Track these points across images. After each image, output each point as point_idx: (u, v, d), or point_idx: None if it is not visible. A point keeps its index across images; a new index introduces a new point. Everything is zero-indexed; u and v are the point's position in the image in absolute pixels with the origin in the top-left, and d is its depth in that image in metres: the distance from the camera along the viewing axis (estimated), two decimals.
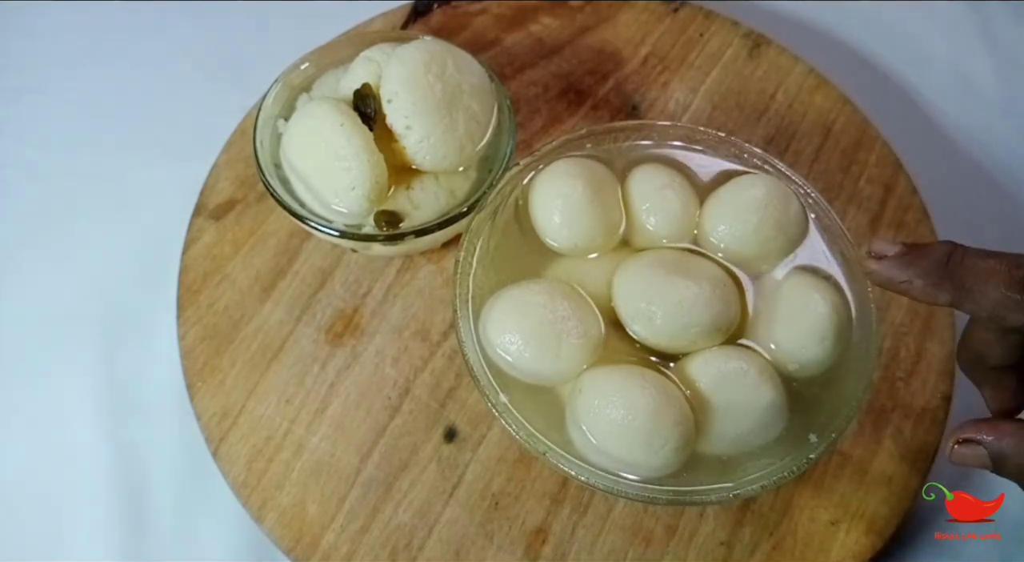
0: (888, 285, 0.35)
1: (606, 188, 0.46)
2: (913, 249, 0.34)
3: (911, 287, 0.34)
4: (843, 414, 0.41)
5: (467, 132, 0.48)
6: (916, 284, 0.34)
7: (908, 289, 0.34)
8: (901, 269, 0.34)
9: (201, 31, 0.66)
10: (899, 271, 0.34)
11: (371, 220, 0.47)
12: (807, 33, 0.67)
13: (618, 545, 0.45)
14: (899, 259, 0.34)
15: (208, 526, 0.48)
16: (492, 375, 0.42)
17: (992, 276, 0.32)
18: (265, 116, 0.50)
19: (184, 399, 0.49)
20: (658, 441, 0.39)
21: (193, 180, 0.55)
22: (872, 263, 0.35)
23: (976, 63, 0.66)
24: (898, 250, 0.34)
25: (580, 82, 0.60)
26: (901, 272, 0.34)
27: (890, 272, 0.34)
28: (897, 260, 0.34)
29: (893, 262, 0.34)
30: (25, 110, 0.62)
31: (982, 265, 0.33)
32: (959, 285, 0.33)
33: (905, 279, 0.34)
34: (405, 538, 0.45)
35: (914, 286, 0.34)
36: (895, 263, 0.34)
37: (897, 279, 0.34)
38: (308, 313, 0.51)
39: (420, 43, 0.48)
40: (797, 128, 0.58)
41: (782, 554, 0.45)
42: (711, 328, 0.41)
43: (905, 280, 0.34)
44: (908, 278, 0.34)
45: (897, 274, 0.34)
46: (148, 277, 0.55)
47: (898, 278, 0.34)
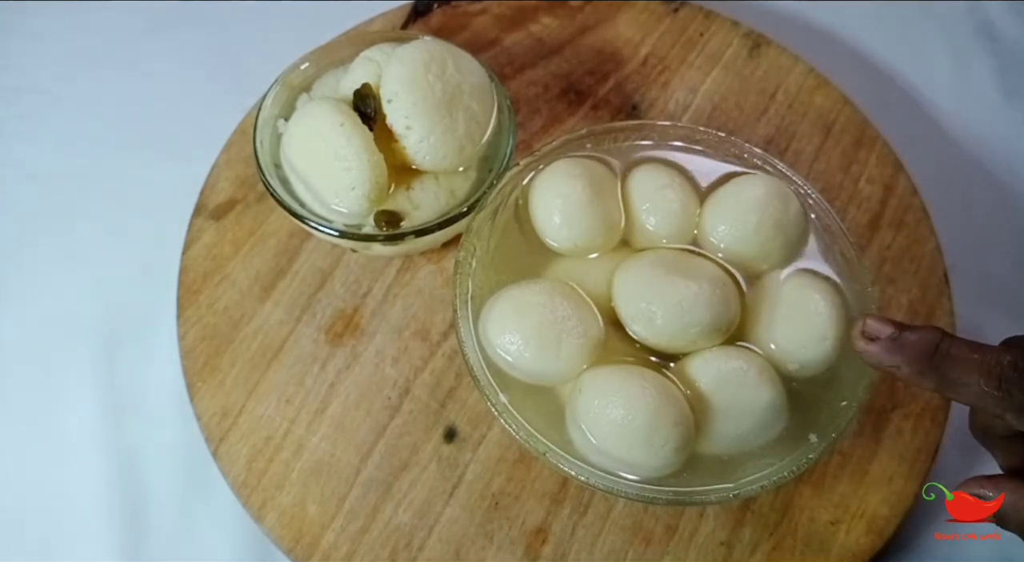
0: (876, 366, 0.37)
1: (606, 188, 0.46)
2: (903, 333, 0.36)
3: (898, 372, 0.36)
4: (843, 414, 0.41)
5: (467, 132, 0.48)
6: (903, 370, 0.36)
7: (895, 373, 0.36)
8: (890, 354, 0.36)
9: (201, 31, 0.66)
10: (888, 356, 0.36)
11: (371, 220, 0.47)
12: (807, 33, 0.67)
13: (618, 545, 0.45)
14: (889, 344, 0.36)
15: (208, 526, 0.48)
16: (492, 375, 0.42)
17: (973, 370, 0.34)
18: (265, 116, 0.50)
19: (184, 399, 0.49)
20: (658, 441, 0.39)
21: (193, 180, 0.55)
22: (863, 343, 0.37)
23: (976, 63, 0.66)
24: (889, 334, 0.36)
25: (580, 82, 0.60)
26: (890, 357, 0.36)
27: (880, 356, 0.36)
28: (887, 344, 0.36)
29: (883, 346, 0.36)
30: (25, 110, 0.62)
31: (964, 358, 0.34)
32: (942, 376, 0.35)
33: (893, 364, 0.36)
34: (405, 538, 0.45)
35: (901, 372, 0.36)
36: (885, 347, 0.36)
37: (885, 363, 0.36)
38: (308, 313, 0.51)
39: (420, 43, 0.48)
40: (797, 128, 0.58)
41: (782, 554, 0.45)
42: (711, 328, 0.41)
43: (893, 366, 0.36)
44: (896, 364, 0.36)
45: (886, 359, 0.36)
46: (148, 277, 0.55)
47: (887, 363, 0.36)
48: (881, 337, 0.36)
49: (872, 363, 0.37)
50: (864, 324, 0.37)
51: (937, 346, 0.35)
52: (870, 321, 0.37)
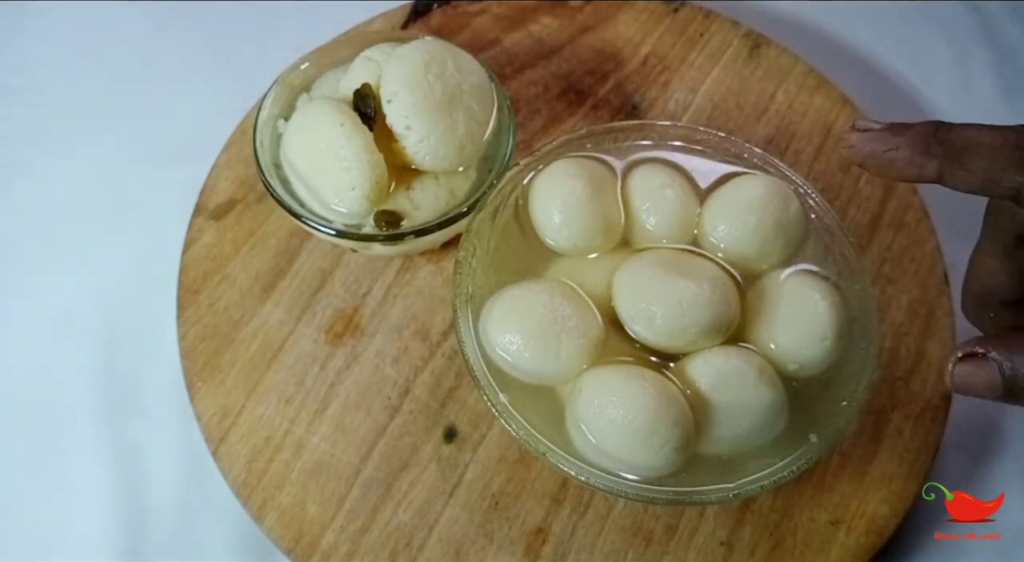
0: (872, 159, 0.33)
1: (606, 188, 0.46)
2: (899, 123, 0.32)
3: (896, 156, 0.32)
4: (843, 414, 0.41)
5: (467, 132, 0.48)
6: (902, 154, 0.32)
7: (893, 159, 0.32)
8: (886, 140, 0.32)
9: (201, 31, 0.66)
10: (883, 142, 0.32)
11: (371, 220, 0.47)
12: (807, 33, 0.67)
13: (618, 545, 0.45)
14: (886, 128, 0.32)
15: (208, 526, 0.48)
16: (492, 375, 0.42)
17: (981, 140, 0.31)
18: (265, 116, 0.50)
19: (184, 399, 0.49)
20: (658, 441, 0.39)
21: (193, 180, 0.55)
22: (855, 136, 0.33)
23: (976, 63, 0.66)
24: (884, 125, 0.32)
25: (580, 82, 0.60)
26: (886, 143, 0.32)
27: (874, 144, 0.32)
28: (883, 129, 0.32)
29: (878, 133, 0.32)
30: (25, 110, 0.62)
31: (970, 132, 0.31)
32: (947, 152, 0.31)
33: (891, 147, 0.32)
34: (405, 538, 0.45)
35: (899, 155, 0.32)
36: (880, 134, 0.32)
37: (882, 149, 0.32)
38: (308, 313, 0.51)
39: (420, 43, 0.48)
40: (797, 128, 0.58)
41: (782, 554, 0.45)
42: (711, 328, 0.41)
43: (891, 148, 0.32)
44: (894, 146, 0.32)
45: (881, 145, 0.32)
46: (148, 277, 0.55)
47: (882, 148, 0.32)
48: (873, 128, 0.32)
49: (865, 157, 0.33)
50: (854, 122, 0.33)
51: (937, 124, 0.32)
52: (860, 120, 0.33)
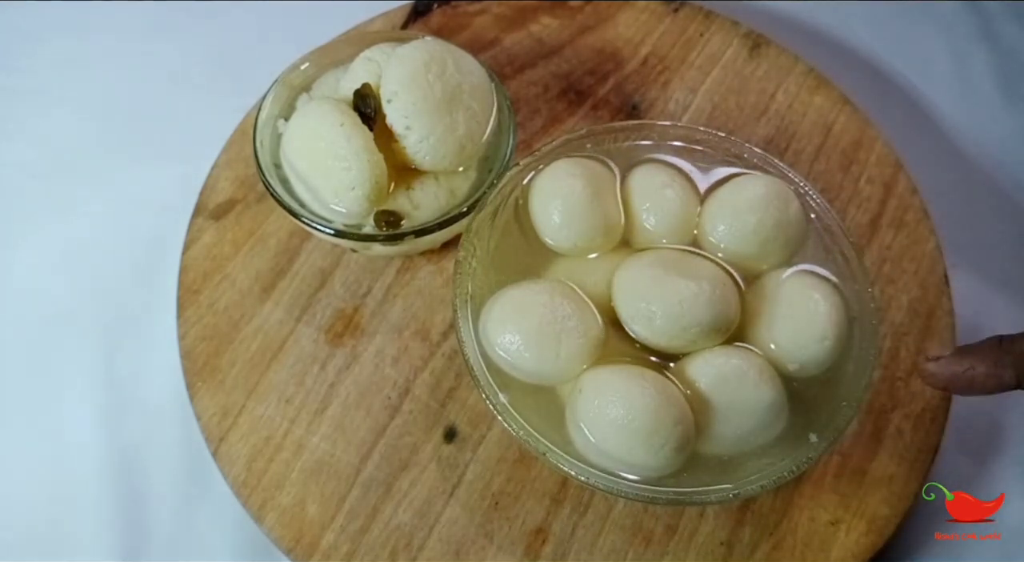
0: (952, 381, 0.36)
1: (606, 188, 0.46)
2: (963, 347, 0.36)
3: (974, 374, 0.35)
4: (843, 414, 0.41)
5: (467, 132, 0.48)
6: (979, 371, 0.35)
7: (972, 377, 0.36)
8: (960, 361, 0.36)
9: (200, 31, 0.66)
10: (958, 363, 0.36)
11: (371, 220, 0.47)
12: (807, 33, 0.67)
13: (618, 545, 0.45)
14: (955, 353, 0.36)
15: (208, 526, 0.48)
16: (492, 375, 0.42)
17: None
18: (265, 116, 0.50)
19: (184, 399, 0.49)
20: (658, 441, 0.39)
21: (193, 180, 0.55)
22: (931, 365, 0.37)
23: (976, 63, 0.66)
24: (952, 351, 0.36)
25: (580, 82, 0.60)
26: (960, 363, 0.36)
27: (950, 367, 0.36)
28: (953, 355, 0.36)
29: (950, 359, 0.36)
30: (25, 110, 0.62)
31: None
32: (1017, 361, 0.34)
33: (967, 367, 0.36)
34: (405, 538, 0.45)
35: (977, 372, 0.35)
36: (952, 359, 0.36)
37: (960, 371, 0.36)
38: (308, 313, 0.51)
39: (420, 43, 0.48)
40: (797, 128, 0.58)
41: (782, 554, 0.45)
42: (711, 328, 0.41)
43: (967, 369, 0.36)
44: (969, 366, 0.35)
45: (956, 366, 0.36)
46: (148, 277, 0.55)
47: (960, 369, 0.36)
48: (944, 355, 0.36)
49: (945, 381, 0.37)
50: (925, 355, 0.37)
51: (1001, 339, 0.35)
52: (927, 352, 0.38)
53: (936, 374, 0.37)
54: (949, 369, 0.36)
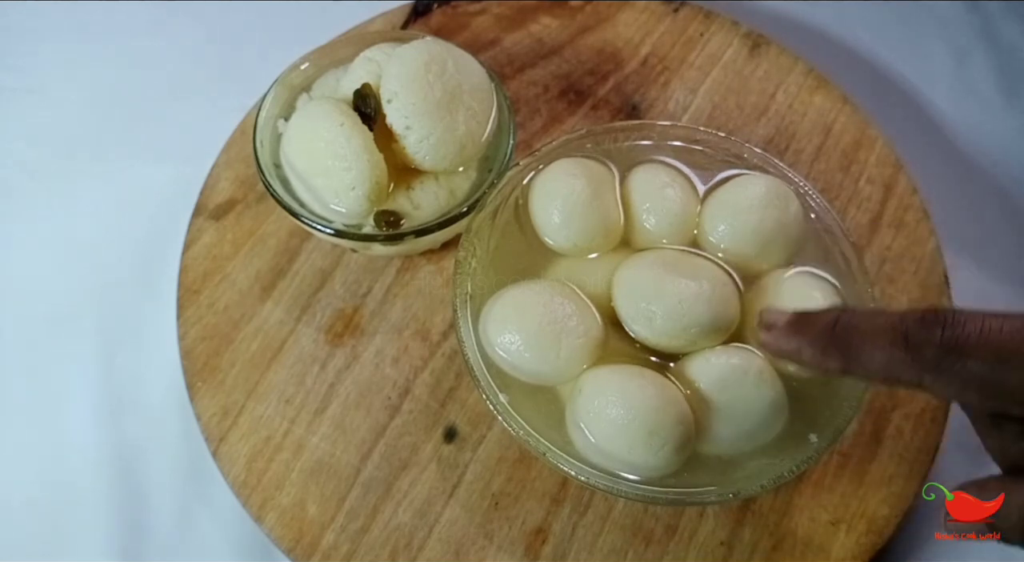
0: (778, 355, 0.34)
1: (606, 188, 0.46)
2: (802, 317, 0.33)
3: (800, 356, 0.33)
4: (843, 414, 0.41)
5: (467, 132, 0.48)
6: (806, 352, 0.33)
7: (799, 359, 0.33)
8: (788, 339, 0.33)
9: (201, 31, 0.66)
10: (787, 341, 0.33)
11: (371, 220, 0.47)
12: (807, 33, 0.67)
13: (618, 545, 0.45)
14: (787, 328, 0.33)
15: (208, 526, 0.48)
16: (492, 375, 0.42)
17: (878, 336, 0.31)
18: (265, 116, 0.50)
19: (184, 399, 0.49)
20: (658, 441, 0.39)
21: (193, 180, 0.55)
22: (763, 333, 0.34)
23: (976, 63, 0.66)
24: (787, 319, 0.33)
25: (580, 82, 0.60)
26: (788, 342, 0.33)
27: (778, 342, 0.34)
28: (786, 329, 0.33)
29: (782, 332, 0.33)
30: (25, 110, 0.62)
31: (867, 326, 0.31)
32: (845, 350, 0.32)
33: (794, 349, 0.33)
34: (405, 538, 0.45)
35: (804, 355, 0.33)
36: (783, 332, 0.33)
37: (786, 350, 0.33)
38: (308, 313, 0.51)
39: (420, 43, 0.48)
40: (797, 128, 0.58)
41: (782, 554, 0.45)
42: (711, 328, 0.41)
43: (795, 350, 0.33)
44: (797, 348, 0.33)
45: (785, 344, 0.33)
46: (148, 277, 0.55)
47: (787, 349, 0.33)
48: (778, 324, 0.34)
49: (774, 352, 0.34)
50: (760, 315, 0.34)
51: (836, 319, 0.32)
52: (766, 312, 0.34)
53: (768, 344, 0.34)
54: (779, 344, 0.33)
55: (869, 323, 0.31)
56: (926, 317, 0.30)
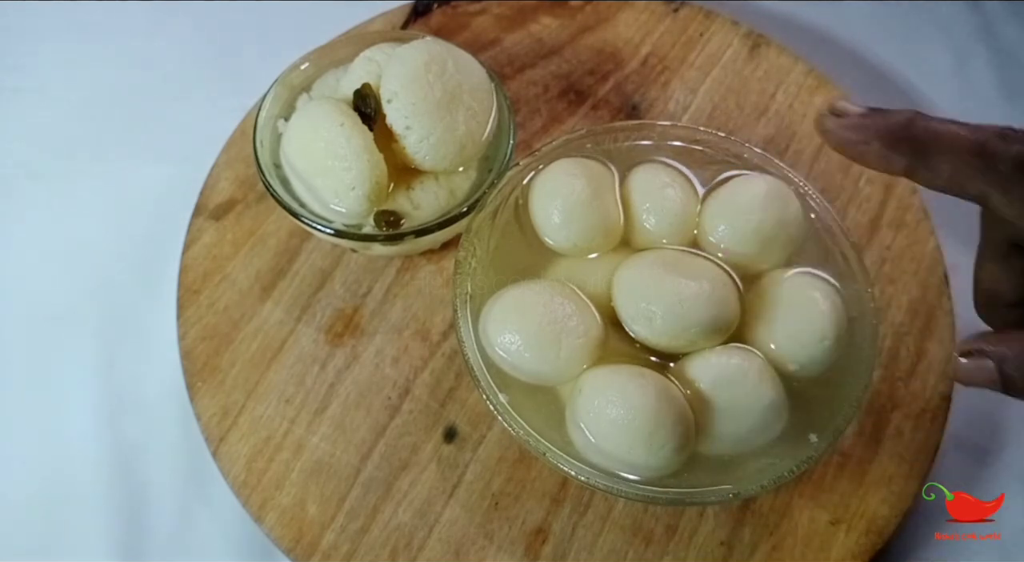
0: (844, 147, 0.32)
1: (606, 188, 0.46)
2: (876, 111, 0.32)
3: (867, 149, 0.31)
4: (843, 414, 0.41)
5: (467, 132, 0.48)
6: (873, 146, 0.31)
7: (864, 152, 0.32)
8: (858, 129, 0.31)
9: (201, 31, 0.66)
10: (856, 131, 0.32)
11: (371, 220, 0.47)
12: (807, 33, 0.67)
13: (618, 545, 0.45)
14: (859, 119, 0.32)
15: (208, 526, 0.48)
16: (492, 375, 0.42)
17: (953, 140, 0.30)
18: (265, 116, 0.50)
19: (184, 399, 0.49)
20: (658, 441, 0.39)
21: (193, 180, 0.55)
22: (830, 121, 0.32)
23: (976, 63, 0.66)
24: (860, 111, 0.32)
25: (580, 82, 0.60)
26: (859, 132, 0.32)
27: (847, 132, 0.32)
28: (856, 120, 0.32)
29: (852, 121, 0.32)
30: (25, 110, 0.62)
31: (943, 129, 0.30)
32: (916, 150, 0.30)
33: (862, 140, 0.31)
34: (405, 538, 0.45)
35: (870, 149, 0.31)
36: (854, 123, 0.32)
37: (854, 139, 0.32)
38: (308, 313, 0.51)
39: (420, 43, 0.48)
40: (797, 128, 0.58)
41: (782, 554, 0.45)
42: (711, 328, 0.41)
43: (862, 141, 0.31)
44: (865, 139, 0.31)
45: (854, 135, 0.32)
46: (148, 277, 0.55)
47: (855, 138, 0.32)
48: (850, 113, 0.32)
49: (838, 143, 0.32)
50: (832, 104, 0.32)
51: (911, 119, 0.31)
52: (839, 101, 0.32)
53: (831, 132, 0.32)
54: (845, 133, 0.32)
55: (945, 127, 0.30)
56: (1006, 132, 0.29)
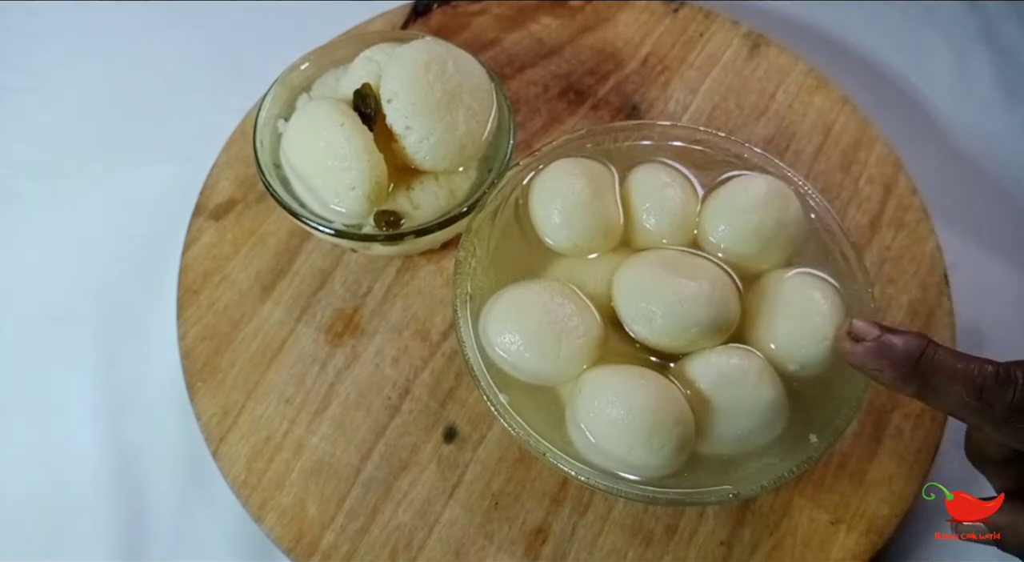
0: (859, 368, 0.37)
1: (606, 188, 0.46)
2: (889, 337, 0.36)
3: (881, 375, 0.36)
4: (843, 414, 0.41)
5: (467, 132, 0.48)
6: (886, 374, 0.36)
7: (878, 377, 0.36)
8: (874, 358, 0.36)
9: (201, 31, 0.66)
10: (872, 359, 0.36)
11: (371, 220, 0.47)
12: (807, 33, 0.67)
13: (618, 545, 0.45)
14: (874, 346, 0.36)
15: (208, 526, 0.48)
16: (492, 375, 0.42)
17: (956, 379, 0.34)
18: (265, 116, 0.50)
19: (184, 399, 0.49)
20: (658, 441, 0.39)
21: (193, 180, 0.55)
22: (848, 344, 0.37)
23: (976, 63, 0.66)
24: (875, 336, 0.36)
25: (580, 82, 0.60)
26: (874, 361, 0.36)
27: (864, 358, 0.36)
28: (872, 347, 0.36)
29: (869, 348, 0.36)
30: (25, 110, 0.62)
31: (948, 366, 0.34)
32: (924, 383, 0.35)
33: (877, 368, 0.36)
34: (405, 538, 0.45)
35: (884, 375, 0.36)
36: (870, 350, 0.36)
37: (869, 366, 0.36)
38: (308, 313, 0.51)
39: (420, 43, 0.48)
40: (797, 128, 0.58)
41: (782, 554, 0.45)
42: (711, 328, 0.41)
43: (876, 369, 0.36)
44: (880, 368, 0.36)
45: (870, 362, 0.36)
46: (148, 277, 0.55)
47: (870, 365, 0.36)
48: (867, 339, 0.36)
49: (855, 364, 0.37)
50: (850, 325, 0.37)
51: (922, 352, 0.35)
52: (856, 322, 0.37)
53: (853, 355, 0.37)
54: (864, 360, 0.36)
55: (950, 365, 0.34)
56: (1001, 376, 0.33)
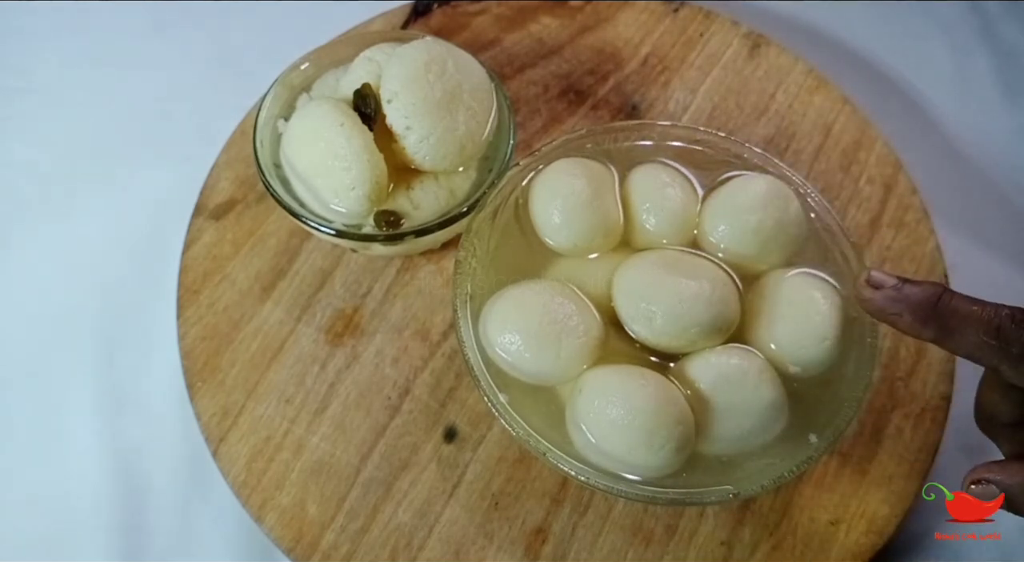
0: (879, 314, 0.38)
1: (606, 188, 0.46)
2: (907, 284, 0.37)
3: (899, 319, 0.37)
4: (843, 414, 0.41)
5: (467, 132, 0.48)
6: (905, 318, 0.37)
7: (896, 321, 0.37)
8: (893, 303, 0.37)
9: (201, 31, 0.66)
10: (891, 304, 0.37)
11: (371, 220, 0.47)
12: (807, 33, 0.67)
13: (618, 545, 0.45)
14: (893, 292, 0.37)
15: (208, 526, 0.48)
16: (492, 375, 0.42)
17: (973, 320, 0.35)
18: (265, 116, 0.50)
19: (184, 399, 0.49)
20: (658, 441, 0.39)
21: (193, 180, 0.55)
22: (868, 291, 0.38)
23: (976, 63, 0.66)
24: (893, 284, 0.37)
25: (580, 82, 0.60)
26: (893, 304, 0.37)
27: (884, 303, 0.37)
28: (891, 293, 0.37)
29: (887, 294, 0.37)
30: (25, 110, 0.62)
31: (965, 309, 0.36)
32: (943, 325, 0.36)
33: (896, 312, 0.37)
34: (405, 538, 0.45)
35: (903, 319, 0.37)
36: (889, 296, 0.37)
37: (889, 310, 0.37)
38: (308, 313, 0.51)
39: (420, 43, 0.48)
40: (797, 128, 0.58)
41: (782, 554, 0.45)
42: (711, 328, 0.41)
43: (896, 312, 0.37)
44: (899, 311, 0.37)
45: (889, 307, 0.37)
46: (148, 277, 0.55)
47: (890, 310, 0.37)
48: (886, 286, 0.37)
49: (874, 311, 0.38)
50: (869, 274, 0.38)
51: (939, 297, 0.36)
52: (875, 272, 0.38)
53: (869, 300, 0.38)
54: (883, 305, 0.37)
55: (967, 308, 0.35)
56: (1017, 317, 0.34)
